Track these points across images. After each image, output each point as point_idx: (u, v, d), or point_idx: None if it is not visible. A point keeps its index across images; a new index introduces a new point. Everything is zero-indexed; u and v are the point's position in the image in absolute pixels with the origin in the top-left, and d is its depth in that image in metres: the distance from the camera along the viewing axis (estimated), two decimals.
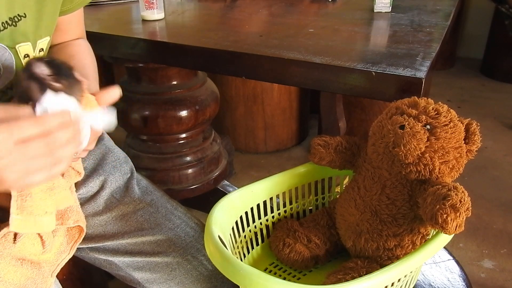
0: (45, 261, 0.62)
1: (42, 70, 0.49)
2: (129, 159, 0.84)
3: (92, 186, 0.76)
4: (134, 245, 0.75)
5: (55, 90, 0.48)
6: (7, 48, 0.58)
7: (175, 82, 1.35)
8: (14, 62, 0.60)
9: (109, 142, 0.83)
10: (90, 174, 0.77)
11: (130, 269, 0.76)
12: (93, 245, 0.76)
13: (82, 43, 0.78)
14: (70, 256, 0.67)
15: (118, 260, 0.76)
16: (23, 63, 0.61)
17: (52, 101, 0.47)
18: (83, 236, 0.67)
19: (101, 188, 0.77)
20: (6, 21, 0.57)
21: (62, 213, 0.64)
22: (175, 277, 0.74)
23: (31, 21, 0.60)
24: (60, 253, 0.65)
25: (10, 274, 0.57)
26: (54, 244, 0.63)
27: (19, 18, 0.58)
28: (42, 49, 0.65)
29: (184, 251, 0.74)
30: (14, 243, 0.56)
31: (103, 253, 0.77)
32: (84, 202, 0.75)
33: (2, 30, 0.56)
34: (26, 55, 0.61)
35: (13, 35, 0.58)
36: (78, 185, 0.75)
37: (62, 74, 0.50)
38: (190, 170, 1.44)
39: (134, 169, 0.83)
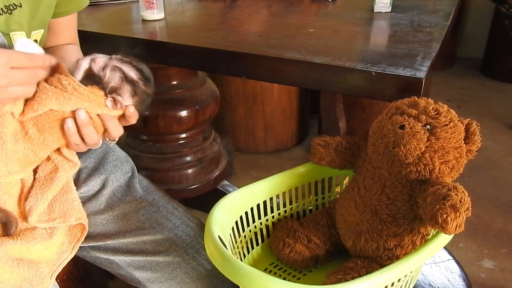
0: (46, 261, 0.62)
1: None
2: (130, 159, 0.84)
3: (94, 185, 0.76)
4: (135, 244, 0.75)
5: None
6: (1, 34, 0.60)
7: (175, 82, 1.35)
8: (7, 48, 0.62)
9: None
10: (91, 173, 0.77)
11: (131, 268, 0.76)
12: (94, 244, 0.76)
13: (75, 48, 0.80)
14: (72, 255, 0.67)
15: (119, 259, 0.76)
16: None
17: (25, 45, 0.57)
18: (85, 234, 0.67)
19: (103, 187, 0.77)
20: (1, 8, 0.60)
21: (64, 211, 0.64)
22: (176, 276, 0.74)
23: (27, 11, 0.63)
24: (62, 253, 0.65)
25: (6, 275, 0.57)
26: (54, 243, 0.63)
27: (15, 7, 0.61)
28: (36, 41, 0.67)
29: (185, 251, 0.74)
30: None
31: (104, 252, 0.77)
32: (85, 200, 0.75)
33: None
34: None
35: (8, 23, 0.61)
36: (79, 184, 0.75)
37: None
38: (190, 170, 1.44)
39: (135, 168, 0.83)
